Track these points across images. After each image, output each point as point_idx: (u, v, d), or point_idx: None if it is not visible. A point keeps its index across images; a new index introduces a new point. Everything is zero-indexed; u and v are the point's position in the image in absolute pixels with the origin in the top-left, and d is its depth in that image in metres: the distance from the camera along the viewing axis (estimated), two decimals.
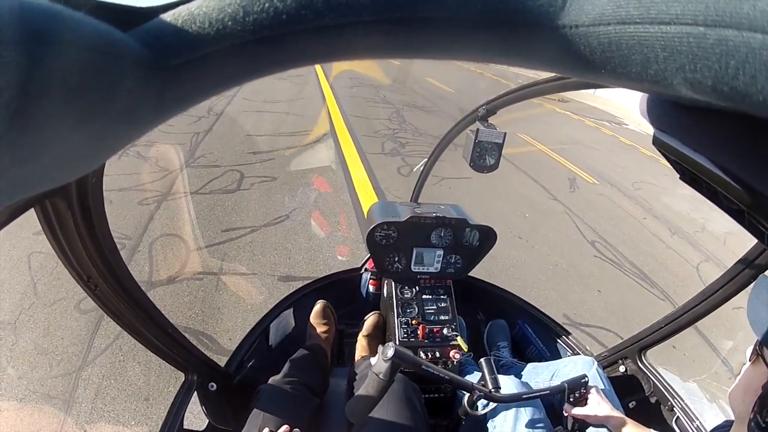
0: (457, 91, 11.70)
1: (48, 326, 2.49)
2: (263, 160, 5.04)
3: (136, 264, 3.08)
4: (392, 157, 5.81)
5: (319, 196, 4.42)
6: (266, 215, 3.89)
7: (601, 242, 4.47)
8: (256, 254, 3.35)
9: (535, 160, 6.94)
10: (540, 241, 4.27)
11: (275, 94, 8.06)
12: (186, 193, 4.10)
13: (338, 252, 3.54)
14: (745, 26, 0.17)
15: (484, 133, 1.10)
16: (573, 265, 3.94)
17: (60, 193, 0.60)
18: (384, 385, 0.97)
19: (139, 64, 0.21)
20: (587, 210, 5.25)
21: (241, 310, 2.74)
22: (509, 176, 5.90)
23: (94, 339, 2.44)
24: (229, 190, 4.25)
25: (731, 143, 0.27)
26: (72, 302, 2.65)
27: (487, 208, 4.83)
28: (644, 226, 5.12)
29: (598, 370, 1.37)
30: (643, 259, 4.29)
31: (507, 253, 3.85)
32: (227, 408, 1.34)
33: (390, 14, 0.23)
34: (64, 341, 2.41)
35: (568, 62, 0.25)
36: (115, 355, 2.38)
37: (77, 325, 2.52)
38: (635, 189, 6.34)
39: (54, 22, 0.17)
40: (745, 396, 0.65)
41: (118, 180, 4.10)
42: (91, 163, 0.25)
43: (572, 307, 3.33)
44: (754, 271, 1.07)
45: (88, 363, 2.31)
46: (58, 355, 2.34)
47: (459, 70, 15.13)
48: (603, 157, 7.94)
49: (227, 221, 3.73)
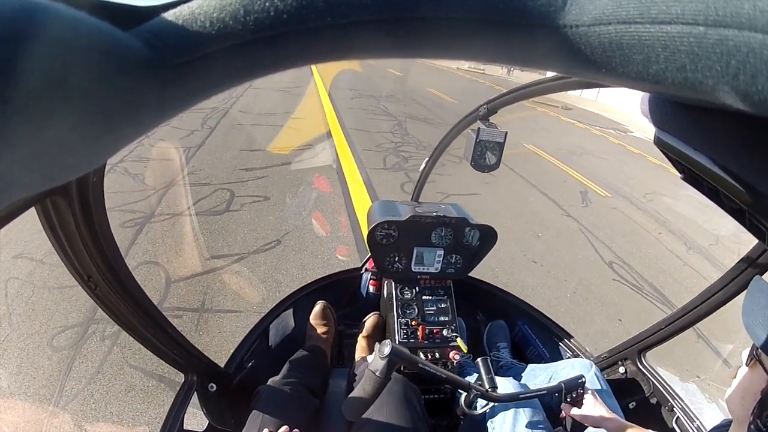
0: (460, 101, 11.53)
1: (21, 363, 2.33)
2: (256, 178, 4.75)
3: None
4: (395, 172, 5.54)
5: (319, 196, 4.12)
6: (256, 240, 3.58)
7: (618, 263, 4.19)
8: (242, 286, 3.03)
9: (545, 171, 6.72)
10: (556, 264, 3.97)
11: (271, 105, 7.80)
12: (172, 215, 3.79)
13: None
14: (745, 26, 0.17)
15: (485, 132, 1.10)
16: (591, 291, 3.63)
17: (60, 192, 0.60)
18: (381, 382, 0.96)
19: (140, 64, 0.21)
20: (602, 227, 5.00)
21: (225, 352, 2.42)
22: (519, 190, 5.66)
23: (65, 381, 2.25)
24: (218, 212, 3.94)
25: (732, 142, 0.27)
26: (45, 338, 2.48)
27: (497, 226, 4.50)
28: (660, 241, 4.91)
29: (596, 372, 1.37)
30: (662, 279, 4.05)
31: (522, 280, 3.55)
32: (227, 408, 1.33)
33: (391, 14, 0.23)
34: (36, 381, 2.24)
35: (568, 62, 0.25)
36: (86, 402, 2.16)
37: (49, 364, 2.33)
38: (647, 201, 6.20)
39: (55, 21, 0.17)
40: (744, 400, 0.65)
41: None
42: (91, 162, 0.24)
43: (593, 341, 3.01)
44: (755, 271, 1.06)
45: (60, 408, 2.14)
46: (30, 397, 2.16)
47: (460, 79, 15.00)
48: (612, 167, 7.86)
49: (213, 247, 3.42)
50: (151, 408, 2.13)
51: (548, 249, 4.24)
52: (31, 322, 2.55)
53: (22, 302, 2.67)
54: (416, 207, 1.68)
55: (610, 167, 7.70)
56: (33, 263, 2.95)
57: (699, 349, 3.08)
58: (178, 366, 1.18)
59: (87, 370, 2.30)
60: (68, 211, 0.63)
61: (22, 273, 2.87)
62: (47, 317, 2.58)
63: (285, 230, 3.78)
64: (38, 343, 2.43)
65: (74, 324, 2.56)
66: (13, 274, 2.86)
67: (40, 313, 2.60)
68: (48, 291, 2.75)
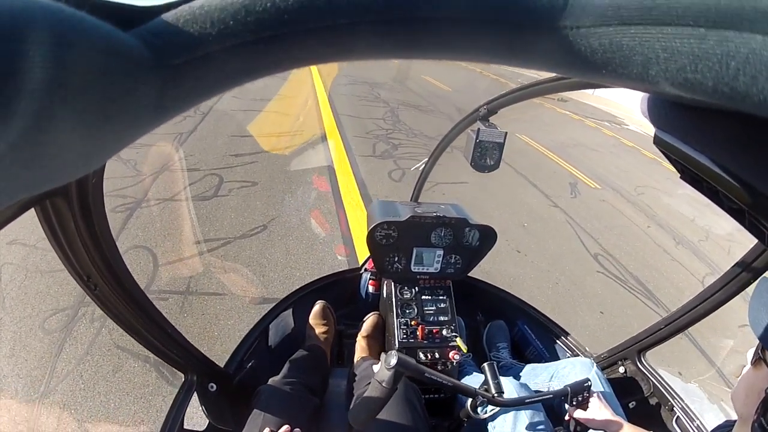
0: (455, 90, 11.43)
1: (13, 346, 2.38)
2: (245, 163, 4.74)
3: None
4: (383, 159, 5.53)
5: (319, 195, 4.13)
6: (242, 225, 3.59)
7: (604, 255, 4.22)
8: (227, 270, 3.06)
9: (535, 162, 6.70)
10: (540, 255, 4.00)
11: (265, 92, 7.74)
12: (160, 201, 3.79)
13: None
14: (745, 27, 0.17)
15: (485, 132, 1.11)
16: (575, 282, 3.68)
17: (60, 193, 0.60)
18: (387, 392, 0.98)
19: (141, 64, 0.21)
20: (589, 218, 5.01)
21: (207, 337, 2.46)
22: (508, 181, 5.65)
23: (56, 362, 2.30)
24: (206, 197, 3.94)
25: (732, 143, 0.27)
26: (37, 321, 2.52)
27: (483, 216, 4.52)
28: (648, 235, 4.93)
29: (597, 371, 1.37)
30: (648, 273, 4.08)
31: (504, 270, 3.59)
32: (227, 408, 1.34)
33: (391, 14, 0.23)
34: (28, 363, 2.30)
35: (569, 63, 0.25)
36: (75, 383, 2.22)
37: (41, 347, 2.39)
38: (638, 194, 6.18)
39: (54, 21, 0.17)
40: (748, 398, 0.65)
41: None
42: (91, 163, 0.24)
43: (575, 332, 3.03)
44: (754, 272, 1.07)
45: (50, 390, 2.17)
46: (22, 379, 2.21)
47: (457, 68, 14.85)
48: (604, 159, 7.82)
49: (200, 232, 3.43)
50: (137, 388, 2.17)
51: (533, 239, 4.27)
52: (23, 305, 2.59)
53: (15, 287, 2.71)
54: (416, 207, 1.68)
55: (602, 159, 7.68)
56: (26, 249, 2.97)
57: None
58: (178, 366, 1.18)
59: (77, 351, 2.35)
60: (68, 212, 0.63)
61: (16, 258, 2.91)
62: (39, 301, 2.62)
63: (271, 216, 3.80)
64: (30, 326, 2.47)
65: (65, 307, 2.60)
66: (7, 260, 2.90)
67: (32, 297, 2.65)
68: (40, 275, 2.79)
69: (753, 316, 0.61)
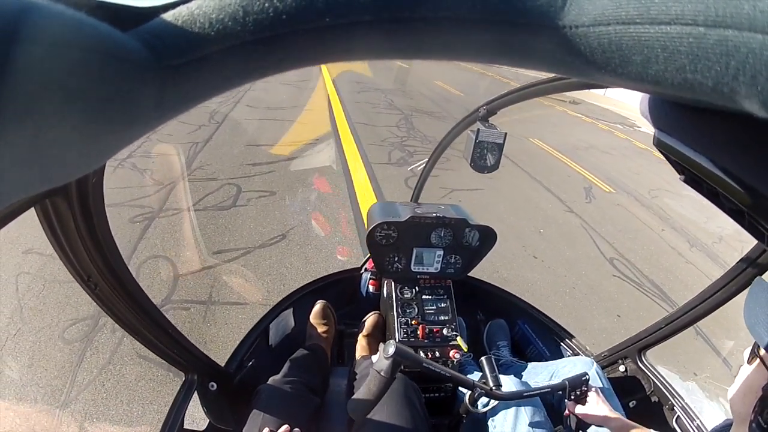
0: (466, 93, 11.45)
1: (33, 356, 2.37)
2: (263, 173, 4.80)
3: None
4: (399, 167, 5.56)
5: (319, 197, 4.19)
6: (262, 234, 3.66)
7: (620, 259, 4.20)
8: (249, 279, 3.11)
9: (549, 166, 6.69)
10: (556, 260, 3.99)
11: (278, 100, 7.84)
12: (178, 210, 3.87)
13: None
14: (745, 27, 0.17)
15: (485, 133, 1.11)
16: (591, 287, 3.67)
17: (60, 193, 0.60)
18: (386, 382, 0.99)
19: (139, 65, 0.21)
20: (604, 223, 4.99)
21: (231, 345, 2.50)
22: (523, 186, 5.65)
23: (77, 372, 2.31)
24: (224, 207, 4.01)
25: (731, 144, 0.27)
26: (57, 331, 2.52)
27: (500, 222, 4.55)
28: (663, 239, 4.89)
29: (597, 370, 1.37)
30: (663, 276, 4.06)
31: (522, 276, 3.59)
32: (227, 408, 1.34)
33: (390, 14, 0.23)
34: (48, 373, 2.29)
35: (568, 62, 0.25)
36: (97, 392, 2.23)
37: (61, 356, 2.39)
38: (652, 197, 6.14)
39: (53, 22, 0.17)
40: (745, 398, 0.66)
41: (111, 195, 3.88)
42: (91, 163, 0.24)
43: (591, 336, 3.06)
44: (755, 271, 1.08)
45: (71, 400, 2.18)
46: (42, 388, 2.21)
47: (467, 72, 14.88)
48: (617, 162, 7.77)
49: (219, 242, 3.49)
50: (160, 397, 2.20)
51: (549, 245, 4.27)
52: (42, 315, 2.59)
53: (33, 296, 2.70)
54: (416, 208, 1.69)
55: (615, 162, 7.64)
56: (43, 258, 2.98)
57: (698, 347, 3.10)
58: (178, 365, 1.19)
59: (98, 361, 2.36)
60: (68, 211, 0.63)
61: (33, 268, 2.92)
62: (58, 310, 2.62)
63: (290, 225, 3.86)
64: (50, 336, 2.48)
65: (85, 317, 2.60)
66: (23, 269, 2.90)
67: (51, 307, 2.64)
68: (59, 285, 2.78)
69: (748, 316, 0.62)
